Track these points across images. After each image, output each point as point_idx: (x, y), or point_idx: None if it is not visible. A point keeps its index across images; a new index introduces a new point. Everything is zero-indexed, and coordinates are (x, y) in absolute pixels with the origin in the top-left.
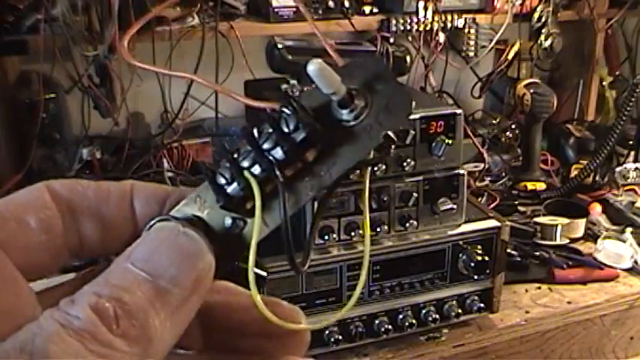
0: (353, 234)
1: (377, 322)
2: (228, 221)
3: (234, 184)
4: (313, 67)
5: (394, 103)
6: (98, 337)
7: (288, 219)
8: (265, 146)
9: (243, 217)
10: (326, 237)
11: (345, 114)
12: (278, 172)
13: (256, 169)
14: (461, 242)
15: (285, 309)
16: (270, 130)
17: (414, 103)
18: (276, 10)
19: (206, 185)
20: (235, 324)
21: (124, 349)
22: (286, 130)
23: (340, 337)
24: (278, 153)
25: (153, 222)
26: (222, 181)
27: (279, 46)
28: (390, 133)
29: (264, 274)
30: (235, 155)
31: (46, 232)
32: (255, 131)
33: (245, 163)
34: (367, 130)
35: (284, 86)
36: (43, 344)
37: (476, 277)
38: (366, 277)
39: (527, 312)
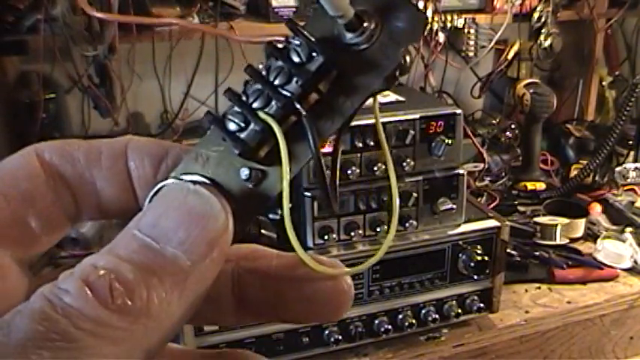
0: (353, 234)
1: (377, 322)
2: (245, 172)
3: (250, 129)
4: None
5: (407, 18)
6: (89, 314)
7: (320, 155)
8: (277, 82)
9: (260, 167)
10: (326, 237)
11: (354, 37)
12: (299, 106)
13: (272, 108)
14: (461, 242)
15: (326, 262)
16: (280, 64)
17: (426, 16)
18: (276, 10)
19: (207, 140)
20: (270, 290)
21: (119, 326)
22: (298, 60)
23: (340, 337)
24: (293, 86)
25: (160, 185)
26: (234, 127)
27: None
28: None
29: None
30: (243, 97)
31: (32, 202)
32: (261, 67)
33: (257, 104)
34: (383, 51)
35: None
36: (24, 323)
37: (476, 277)
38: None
39: (526, 312)
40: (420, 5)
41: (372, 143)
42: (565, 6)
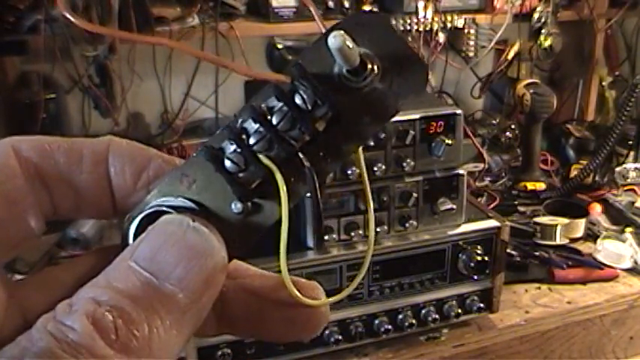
0: (353, 234)
1: (377, 322)
2: (238, 206)
3: (249, 170)
4: (336, 41)
5: (412, 72)
6: (96, 353)
7: (320, 203)
8: (281, 127)
9: (254, 201)
10: (326, 237)
11: (357, 82)
12: (303, 157)
13: (273, 152)
14: (461, 242)
15: (306, 286)
16: (284, 108)
17: (430, 74)
18: (276, 10)
19: (194, 162)
20: (252, 308)
21: None
22: (303, 106)
23: (340, 337)
24: (296, 134)
25: (150, 210)
26: (233, 168)
27: (279, 46)
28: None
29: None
30: (243, 136)
31: (14, 205)
32: (263, 106)
33: (258, 146)
34: (383, 99)
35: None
36: None
37: (476, 277)
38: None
39: (526, 312)
40: (420, 5)
41: (371, 143)
42: (565, 6)
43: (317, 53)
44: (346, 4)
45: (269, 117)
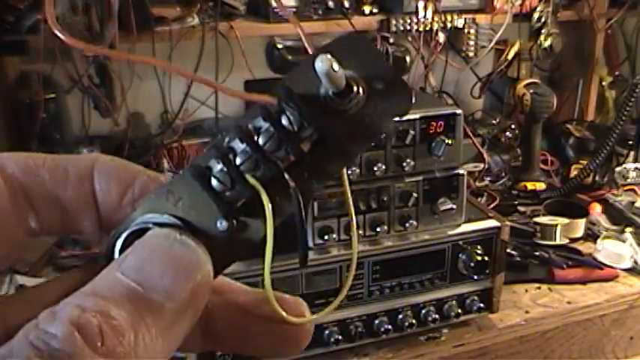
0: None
1: (377, 322)
2: (223, 224)
3: (235, 190)
4: (323, 65)
5: (397, 97)
6: (79, 358)
7: (304, 223)
8: (267, 147)
9: (239, 219)
10: (326, 237)
11: (343, 104)
12: (289, 178)
13: (259, 172)
14: (461, 242)
15: (290, 303)
16: (271, 129)
17: (413, 95)
18: (276, 10)
19: (180, 180)
20: (236, 324)
21: None
22: (290, 128)
23: (340, 337)
24: (282, 154)
25: (135, 227)
26: (219, 187)
27: (279, 46)
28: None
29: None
30: (230, 155)
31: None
32: (250, 127)
33: (245, 167)
34: (369, 120)
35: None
36: None
37: (476, 277)
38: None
39: (527, 312)
40: (420, 5)
41: (372, 144)
42: (565, 6)
43: (303, 74)
44: (346, 4)
45: (255, 137)
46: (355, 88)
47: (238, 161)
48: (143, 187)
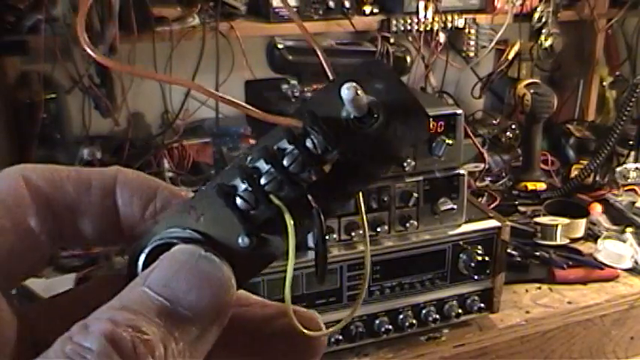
0: (353, 234)
1: (377, 322)
2: (245, 241)
3: (260, 209)
4: (349, 92)
5: (416, 124)
6: None
7: (326, 245)
8: (291, 169)
9: (262, 235)
10: (326, 237)
11: (365, 128)
12: (311, 199)
13: (283, 193)
14: (461, 242)
15: (306, 316)
16: (295, 151)
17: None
18: (276, 10)
19: (203, 196)
20: (252, 336)
21: None
22: (314, 151)
23: (340, 337)
24: (306, 176)
25: (157, 243)
26: (245, 205)
27: (280, 46)
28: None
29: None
30: (255, 175)
31: (27, 236)
32: (275, 148)
33: (269, 187)
34: (389, 145)
35: (284, 86)
36: None
37: (476, 277)
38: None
39: (527, 312)
40: (421, 5)
41: None
42: (565, 6)
43: (326, 98)
44: (347, 4)
45: (280, 159)
46: (376, 114)
47: (263, 181)
48: (164, 201)
